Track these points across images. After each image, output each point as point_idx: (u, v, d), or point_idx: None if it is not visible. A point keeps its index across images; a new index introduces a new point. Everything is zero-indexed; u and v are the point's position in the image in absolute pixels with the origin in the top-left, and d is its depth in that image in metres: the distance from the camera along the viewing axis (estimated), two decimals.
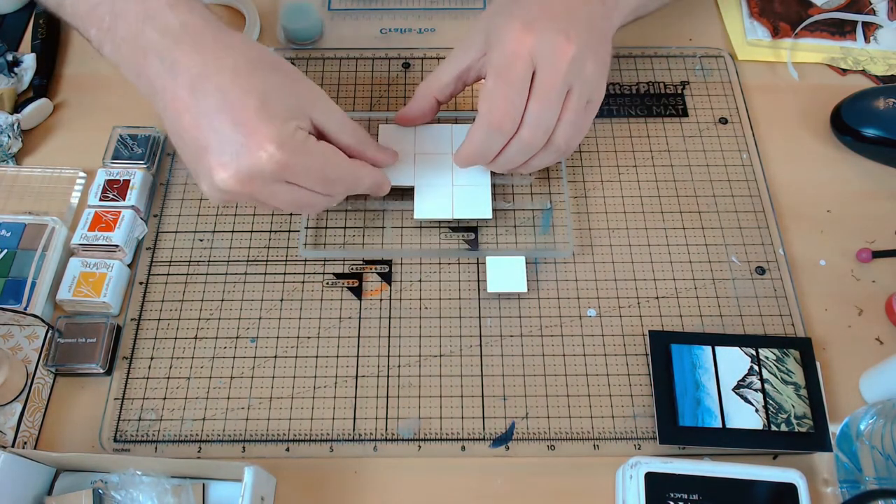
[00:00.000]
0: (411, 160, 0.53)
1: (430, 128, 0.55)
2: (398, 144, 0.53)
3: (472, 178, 0.53)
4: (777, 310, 0.50)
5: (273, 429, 0.46)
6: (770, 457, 0.46)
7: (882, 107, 0.56)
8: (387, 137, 0.54)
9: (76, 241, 0.50)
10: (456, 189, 0.53)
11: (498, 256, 0.51)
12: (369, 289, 0.51)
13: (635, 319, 0.50)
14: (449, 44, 0.62)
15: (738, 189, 0.55)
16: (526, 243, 0.53)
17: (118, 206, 0.52)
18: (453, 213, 0.52)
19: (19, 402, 0.47)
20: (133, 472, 0.42)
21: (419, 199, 0.52)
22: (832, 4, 0.64)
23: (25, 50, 0.62)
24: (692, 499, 0.41)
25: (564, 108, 0.46)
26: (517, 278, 0.50)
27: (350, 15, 0.65)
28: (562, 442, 0.46)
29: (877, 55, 0.62)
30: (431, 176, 0.53)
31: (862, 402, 0.48)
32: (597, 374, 0.48)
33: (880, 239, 0.53)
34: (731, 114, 0.59)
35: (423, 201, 0.52)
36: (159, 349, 0.49)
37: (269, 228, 0.53)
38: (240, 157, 0.41)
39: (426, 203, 0.52)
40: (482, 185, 0.53)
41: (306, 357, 0.49)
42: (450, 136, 0.54)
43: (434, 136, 0.54)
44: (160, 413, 0.47)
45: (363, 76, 0.61)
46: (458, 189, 0.53)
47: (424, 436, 0.46)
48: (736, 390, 0.46)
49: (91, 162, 0.55)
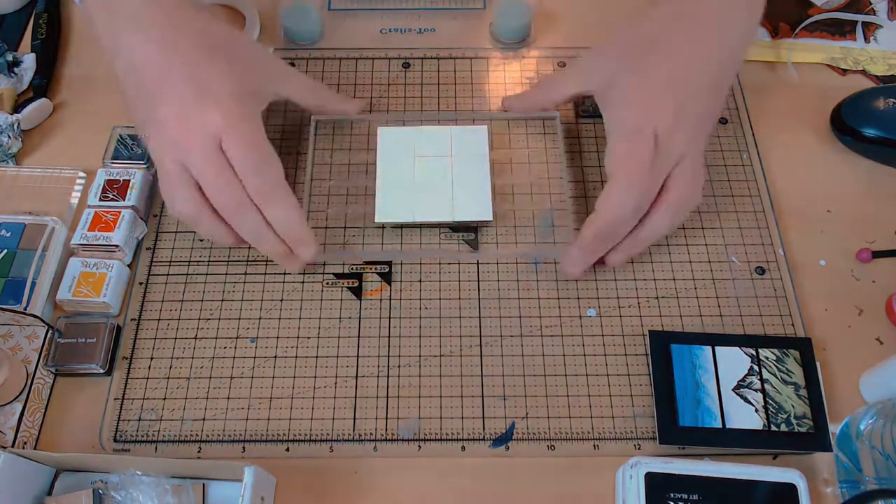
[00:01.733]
0: (411, 162, 0.53)
1: (429, 131, 0.55)
2: (398, 147, 0.54)
3: (471, 179, 0.53)
4: (777, 310, 0.50)
5: (273, 429, 0.46)
6: (770, 457, 0.46)
7: (882, 107, 0.56)
8: (387, 140, 0.54)
9: (76, 241, 0.50)
10: (456, 190, 0.52)
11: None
12: (369, 289, 0.51)
13: (635, 319, 0.50)
14: (449, 44, 0.62)
15: (738, 189, 0.55)
16: (526, 243, 0.53)
17: (118, 206, 0.52)
18: (453, 214, 0.52)
19: (19, 402, 0.47)
20: (133, 472, 0.42)
21: (419, 201, 0.52)
22: (832, 4, 0.64)
23: (25, 50, 0.62)
24: (692, 499, 0.41)
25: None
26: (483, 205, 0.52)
27: (350, 15, 0.65)
28: (562, 442, 0.46)
29: (877, 55, 0.62)
30: (431, 177, 0.53)
31: (862, 402, 0.48)
32: (597, 374, 0.48)
33: (880, 239, 0.53)
34: (730, 114, 0.59)
35: (423, 203, 0.52)
36: (159, 349, 0.49)
37: None
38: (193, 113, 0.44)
39: (425, 205, 0.52)
40: (482, 185, 0.53)
41: (306, 357, 0.49)
42: (448, 139, 0.54)
43: (433, 139, 0.54)
44: (160, 413, 0.47)
45: (363, 76, 0.61)
46: (458, 190, 0.52)
47: (424, 436, 0.46)
48: (736, 390, 0.46)
49: (91, 162, 0.55)
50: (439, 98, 0.59)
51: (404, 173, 0.53)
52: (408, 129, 0.55)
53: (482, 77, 0.61)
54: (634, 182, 0.46)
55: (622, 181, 0.46)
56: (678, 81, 0.47)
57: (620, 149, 0.47)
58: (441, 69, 0.61)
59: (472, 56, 0.62)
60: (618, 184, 0.46)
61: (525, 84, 0.60)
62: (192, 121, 0.44)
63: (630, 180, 0.46)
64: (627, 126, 0.47)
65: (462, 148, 0.54)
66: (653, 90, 0.47)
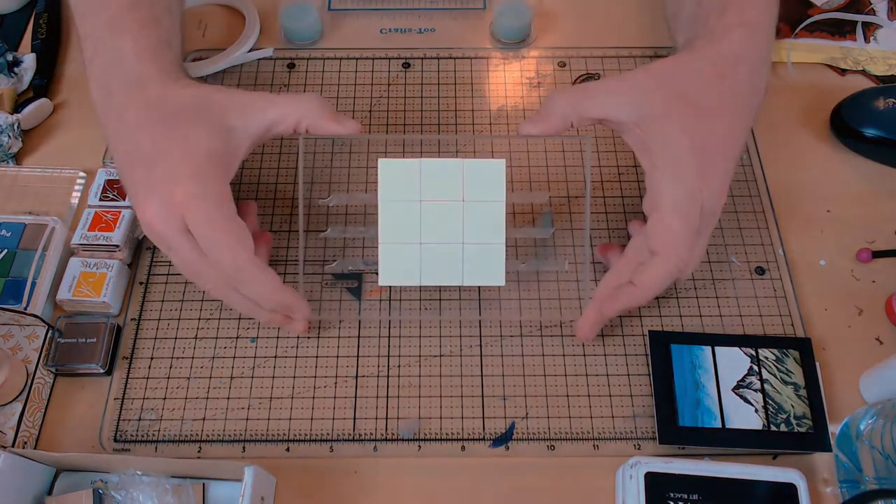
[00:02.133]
0: (417, 208, 0.47)
1: (437, 164, 0.47)
2: (400, 183, 0.47)
3: (484, 233, 0.47)
4: (777, 310, 0.50)
5: (273, 429, 0.46)
6: (770, 457, 0.46)
7: (882, 107, 0.56)
8: (388, 173, 0.47)
9: (76, 241, 0.50)
10: (466, 248, 0.47)
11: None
12: (369, 289, 0.51)
13: (635, 319, 0.50)
14: (449, 44, 0.62)
15: (738, 189, 0.55)
16: (526, 247, 0.53)
17: (118, 206, 0.52)
18: (463, 279, 0.47)
19: (19, 402, 0.47)
20: (133, 472, 0.42)
21: (424, 258, 0.47)
22: (832, 4, 0.64)
23: (25, 50, 0.62)
24: (692, 499, 0.41)
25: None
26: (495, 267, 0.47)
27: (350, 15, 0.65)
28: (562, 442, 0.46)
29: (877, 55, 0.62)
30: (439, 230, 0.47)
31: (862, 402, 0.48)
32: (597, 374, 0.48)
33: (880, 239, 0.53)
34: None
35: (430, 263, 0.47)
36: (159, 349, 0.49)
37: (269, 229, 0.53)
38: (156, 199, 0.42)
39: (433, 266, 0.47)
40: (497, 243, 0.47)
41: (306, 357, 0.49)
42: (460, 175, 0.47)
43: (443, 174, 0.47)
44: (160, 413, 0.47)
45: (363, 76, 0.61)
46: (469, 248, 0.47)
47: (424, 436, 0.46)
48: (736, 390, 0.46)
49: (91, 162, 0.55)
50: (439, 98, 0.59)
51: (410, 223, 0.47)
52: (412, 161, 0.47)
53: (482, 77, 0.61)
54: (683, 259, 0.44)
55: (672, 261, 0.44)
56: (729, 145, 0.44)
57: (674, 223, 0.43)
58: (441, 69, 0.61)
59: (472, 56, 0.62)
60: (668, 264, 0.44)
61: (525, 84, 0.60)
62: (154, 208, 0.42)
63: (680, 259, 0.44)
64: (679, 194, 0.43)
65: (475, 190, 0.47)
66: (706, 153, 0.43)
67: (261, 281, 0.44)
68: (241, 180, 0.55)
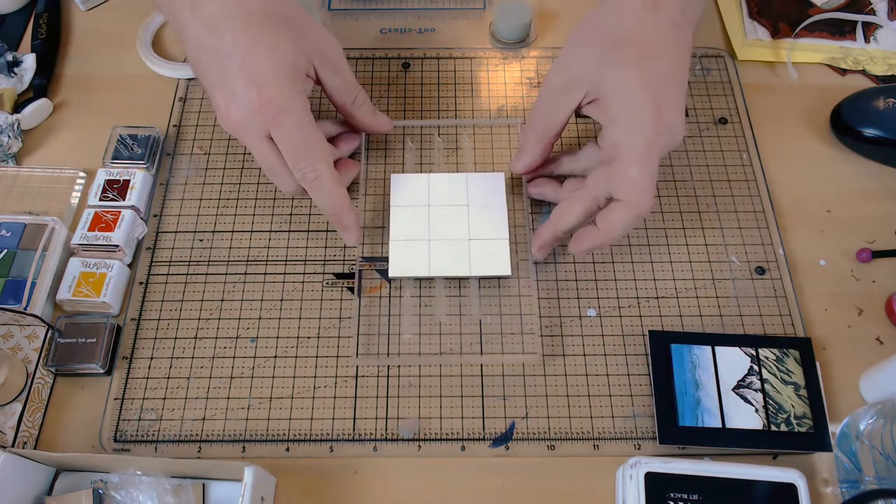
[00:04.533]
0: (425, 212, 0.52)
1: (444, 177, 0.53)
2: (411, 195, 0.52)
3: (488, 229, 0.51)
4: (777, 310, 0.50)
5: (273, 429, 0.47)
6: (770, 457, 0.46)
7: (882, 107, 0.56)
8: (400, 187, 0.53)
9: (76, 241, 0.50)
10: (472, 243, 0.51)
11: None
12: (368, 286, 0.51)
13: (635, 319, 0.50)
14: (449, 44, 0.62)
15: (737, 189, 0.55)
16: (525, 244, 0.53)
17: (118, 206, 0.52)
18: (470, 270, 0.50)
19: (19, 402, 0.47)
20: (133, 472, 0.42)
21: (434, 254, 0.50)
22: (832, 4, 0.64)
23: (25, 50, 0.62)
24: (692, 499, 0.41)
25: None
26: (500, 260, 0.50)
27: (350, 15, 0.65)
28: (562, 442, 0.46)
29: (877, 55, 0.62)
30: (446, 228, 0.51)
31: (862, 402, 0.48)
32: (597, 374, 0.48)
33: (880, 239, 0.53)
34: (730, 114, 0.59)
35: (438, 257, 0.50)
36: (159, 349, 0.49)
37: (269, 228, 0.53)
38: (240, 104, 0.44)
39: (441, 259, 0.50)
40: (500, 238, 0.51)
41: (306, 357, 0.49)
42: (465, 185, 0.53)
43: (449, 185, 0.53)
44: (160, 413, 0.47)
45: (363, 76, 0.61)
46: (475, 243, 0.51)
47: (424, 436, 0.46)
48: (736, 390, 0.46)
49: (91, 162, 0.55)
50: (439, 98, 0.59)
51: (419, 223, 0.51)
52: (421, 175, 0.54)
53: (482, 77, 0.61)
54: (646, 205, 0.44)
55: (635, 208, 0.44)
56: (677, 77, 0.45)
57: (635, 172, 0.43)
58: (441, 69, 0.61)
59: (472, 56, 0.62)
60: (631, 210, 0.44)
61: (525, 84, 0.60)
62: (238, 111, 0.45)
63: (642, 205, 0.44)
64: (638, 144, 0.44)
65: (479, 196, 0.52)
66: (658, 95, 0.44)
67: (327, 193, 0.47)
68: (242, 180, 0.55)
